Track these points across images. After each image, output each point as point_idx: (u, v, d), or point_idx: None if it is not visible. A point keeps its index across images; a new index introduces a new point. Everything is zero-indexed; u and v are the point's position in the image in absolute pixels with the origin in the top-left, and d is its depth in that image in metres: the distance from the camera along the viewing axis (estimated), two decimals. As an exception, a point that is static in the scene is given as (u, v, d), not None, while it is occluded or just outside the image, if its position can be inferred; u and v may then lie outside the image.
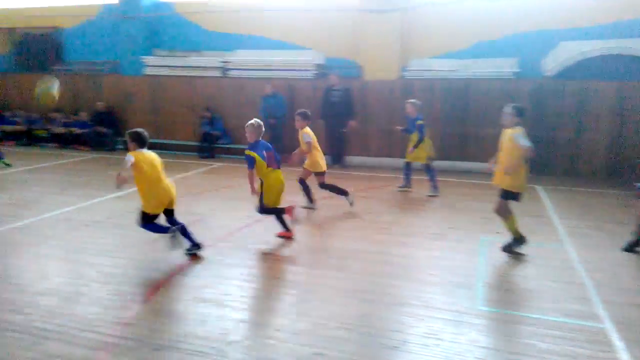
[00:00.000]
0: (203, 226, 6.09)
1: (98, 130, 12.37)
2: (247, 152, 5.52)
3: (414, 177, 8.29)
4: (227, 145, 11.64)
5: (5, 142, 13.24)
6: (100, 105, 12.48)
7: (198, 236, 5.17)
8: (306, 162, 7.06)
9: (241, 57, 11.66)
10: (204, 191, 6.91)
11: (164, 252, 5.29)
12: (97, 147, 12.36)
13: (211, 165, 10.70)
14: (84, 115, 12.69)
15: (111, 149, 12.39)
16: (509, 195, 5.13)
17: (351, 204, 7.15)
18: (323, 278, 4.64)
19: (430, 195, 7.96)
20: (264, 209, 5.63)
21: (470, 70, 10.10)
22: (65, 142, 12.74)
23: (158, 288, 4.40)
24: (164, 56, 12.39)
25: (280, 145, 11.05)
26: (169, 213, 5.15)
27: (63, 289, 4.35)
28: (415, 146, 7.87)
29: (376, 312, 3.96)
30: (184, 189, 6.93)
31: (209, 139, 11.50)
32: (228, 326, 3.70)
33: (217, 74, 11.74)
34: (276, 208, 5.65)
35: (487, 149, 8.87)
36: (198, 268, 4.96)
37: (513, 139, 5.01)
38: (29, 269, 4.81)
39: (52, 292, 4.28)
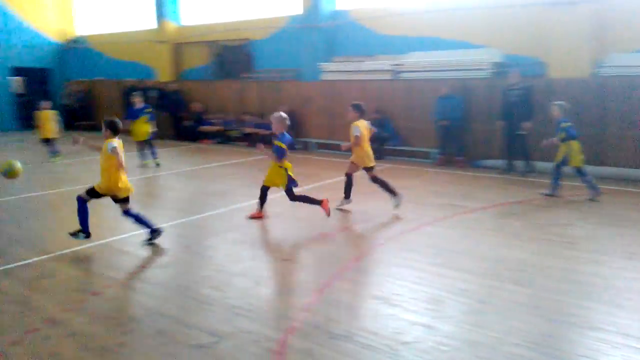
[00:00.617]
0: (375, 225, 6.24)
1: (280, 131, 13.52)
2: (277, 143, 6.30)
3: (605, 186, 7.36)
4: (397, 147, 11.73)
5: (205, 141, 15.32)
6: (282, 109, 13.61)
7: (369, 234, 5.31)
8: (352, 156, 6.97)
9: (413, 59, 11.63)
10: (375, 191, 7.10)
11: (338, 246, 5.56)
12: (278, 147, 13.52)
13: (381, 166, 10.89)
14: (270, 118, 13.99)
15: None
16: None
17: (396, 206, 6.80)
18: (499, 290, 4.39)
19: (545, 194, 7.62)
20: (295, 196, 6.44)
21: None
22: (254, 141, 14.16)
23: (333, 280, 4.64)
24: (340, 62, 12.99)
25: (457, 147, 10.75)
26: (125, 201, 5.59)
27: (254, 272, 4.85)
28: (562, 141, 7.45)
29: (562, 334, 3.62)
30: (357, 188, 7.18)
31: (379, 141, 11.71)
32: (400, 326, 3.74)
33: (389, 77, 11.90)
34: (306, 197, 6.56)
35: None
36: (369, 265, 5.11)
37: None
38: (227, 252, 5.47)
39: (245, 274, 4.81)
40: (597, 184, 7.41)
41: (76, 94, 19.01)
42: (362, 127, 6.86)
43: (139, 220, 5.61)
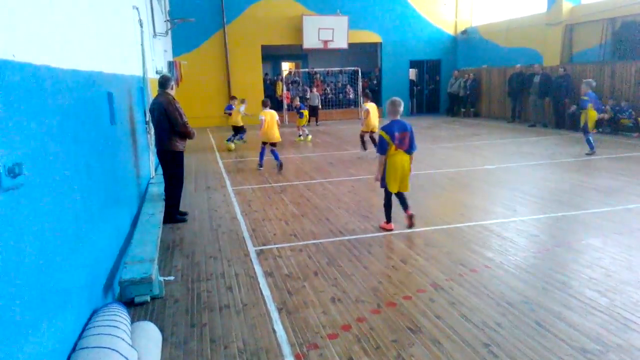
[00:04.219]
0: None
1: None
2: (380, 131, 5.61)
3: None
4: None
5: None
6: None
7: None
8: None
9: None
10: None
11: None
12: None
13: None
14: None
15: None
16: None
17: None
18: None
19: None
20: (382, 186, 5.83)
21: None
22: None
23: None
24: None
25: None
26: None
27: (650, 286, 4.14)
28: None
29: None
30: None
31: None
32: None
33: None
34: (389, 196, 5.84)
35: None
36: None
37: None
38: (615, 257, 4.83)
39: (638, 285, 4.15)
40: None
41: (462, 82, 20.29)
42: None
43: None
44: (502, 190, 7.76)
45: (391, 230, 5.84)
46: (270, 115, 9.90)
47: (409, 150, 5.66)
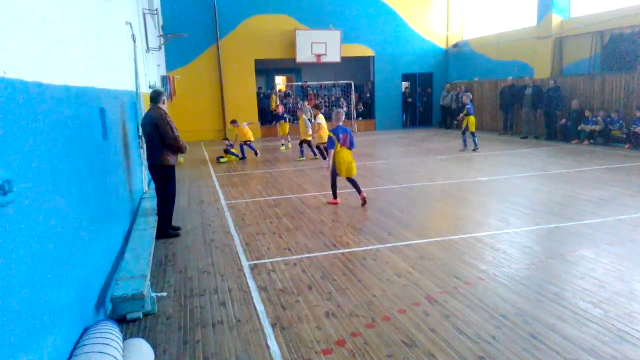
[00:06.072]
0: None
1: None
2: (329, 133, 7.70)
3: None
4: None
5: (579, 141, 13.99)
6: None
7: None
8: None
9: None
10: None
11: None
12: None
13: None
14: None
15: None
16: None
17: None
18: None
19: None
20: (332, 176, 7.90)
21: None
22: (642, 143, 12.09)
23: None
24: None
25: None
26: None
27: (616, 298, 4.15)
28: None
29: None
30: None
31: None
32: None
33: None
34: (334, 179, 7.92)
35: None
36: None
37: None
38: (608, 267, 4.85)
39: (631, 296, 4.16)
40: None
41: (454, 95, 20.44)
42: None
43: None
44: (495, 202, 7.79)
45: (337, 204, 7.88)
46: (241, 124, 13.94)
47: (350, 147, 7.64)
